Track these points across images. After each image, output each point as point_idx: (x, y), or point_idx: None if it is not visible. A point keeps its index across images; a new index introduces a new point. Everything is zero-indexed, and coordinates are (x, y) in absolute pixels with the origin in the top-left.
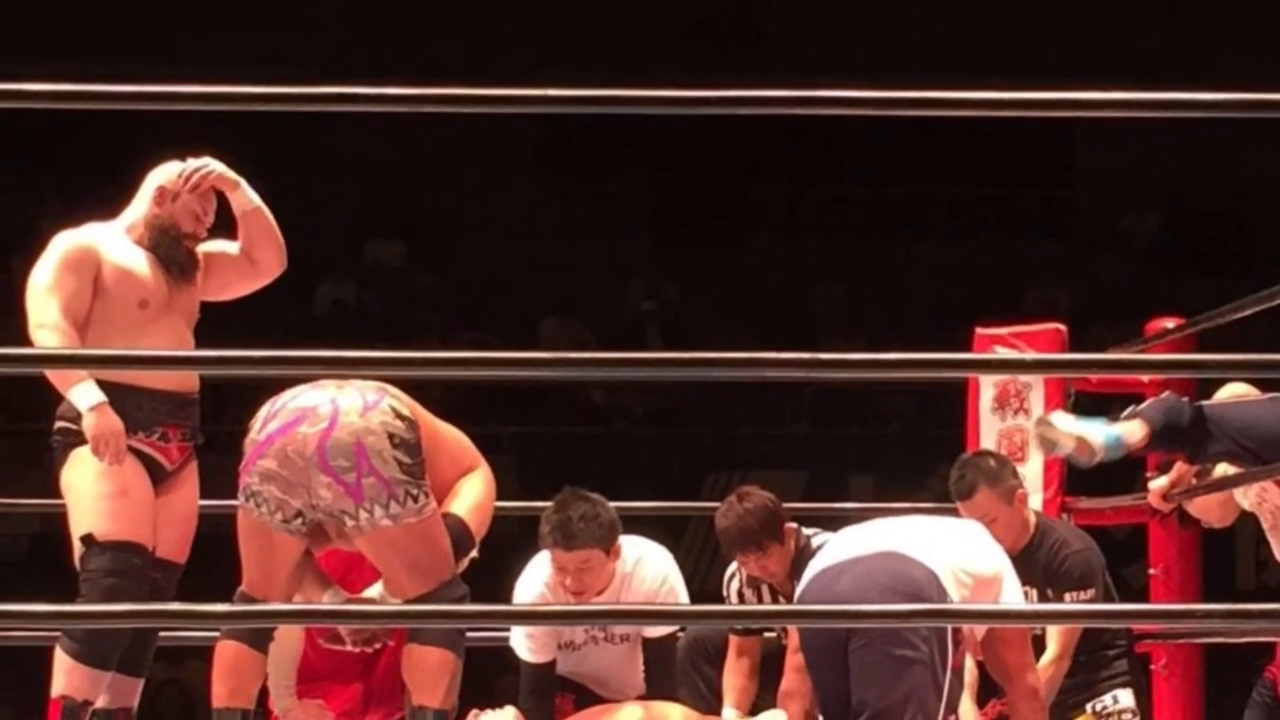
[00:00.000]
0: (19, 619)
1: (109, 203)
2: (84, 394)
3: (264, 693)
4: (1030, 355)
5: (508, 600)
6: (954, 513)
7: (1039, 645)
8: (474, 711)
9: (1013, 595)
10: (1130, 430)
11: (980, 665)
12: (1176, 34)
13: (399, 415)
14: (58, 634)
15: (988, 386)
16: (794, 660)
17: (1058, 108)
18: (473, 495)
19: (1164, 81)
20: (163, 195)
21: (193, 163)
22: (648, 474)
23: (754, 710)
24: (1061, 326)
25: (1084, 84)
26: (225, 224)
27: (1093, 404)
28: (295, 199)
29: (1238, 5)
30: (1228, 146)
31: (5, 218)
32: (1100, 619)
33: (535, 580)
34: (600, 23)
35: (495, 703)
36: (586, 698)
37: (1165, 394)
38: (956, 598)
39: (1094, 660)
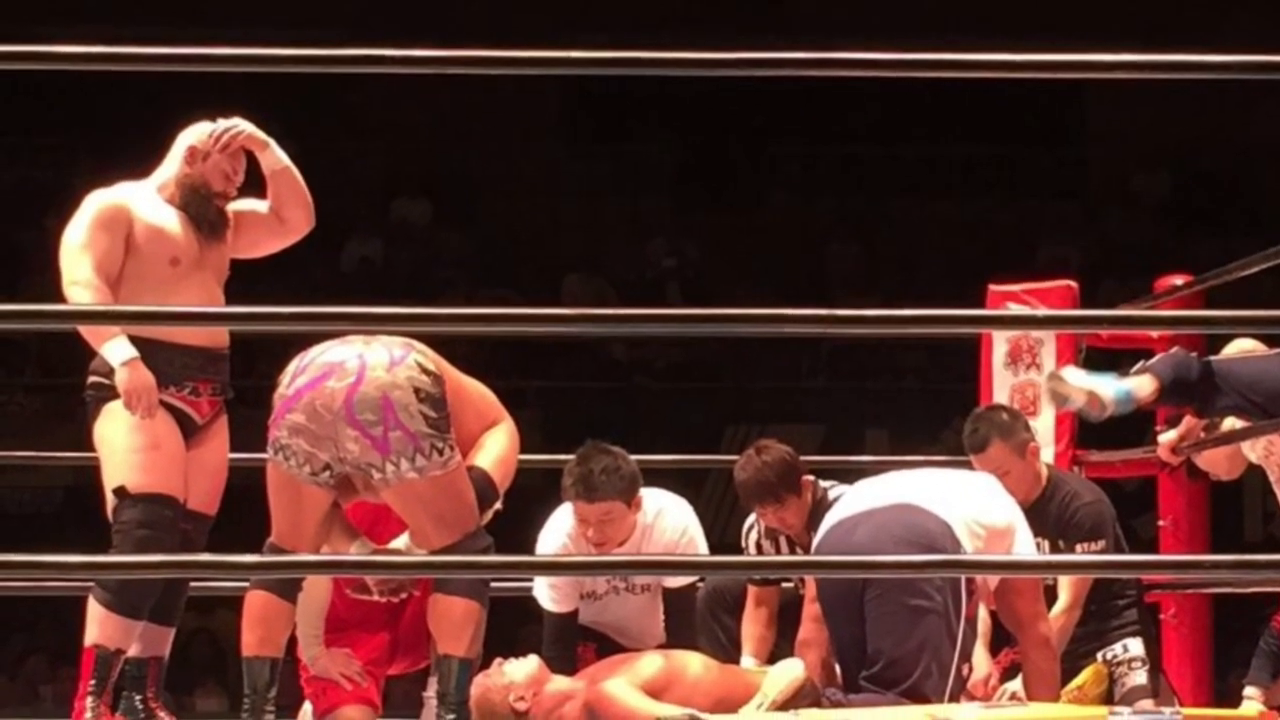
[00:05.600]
0: (53, 570)
1: (141, 162)
2: (116, 349)
3: (292, 641)
4: (1042, 312)
5: (531, 552)
6: (967, 466)
7: (1050, 595)
8: (498, 660)
9: (1025, 546)
10: (1140, 385)
11: (993, 615)
12: None
13: (425, 370)
14: (91, 584)
15: (1000, 342)
16: (811, 610)
17: (1069, 69)
18: (497, 448)
19: (1173, 44)
20: (193, 155)
21: (223, 123)
22: (668, 427)
23: (772, 659)
24: (1073, 283)
25: (1095, 46)
26: (255, 183)
27: (1103, 359)
28: (323, 159)
29: None
30: (1236, 107)
31: (39, 177)
32: (1110, 569)
33: (558, 532)
34: None
35: (519, 652)
36: (608, 647)
37: (1174, 349)
38: (970, 549)
39: (1104, 610)
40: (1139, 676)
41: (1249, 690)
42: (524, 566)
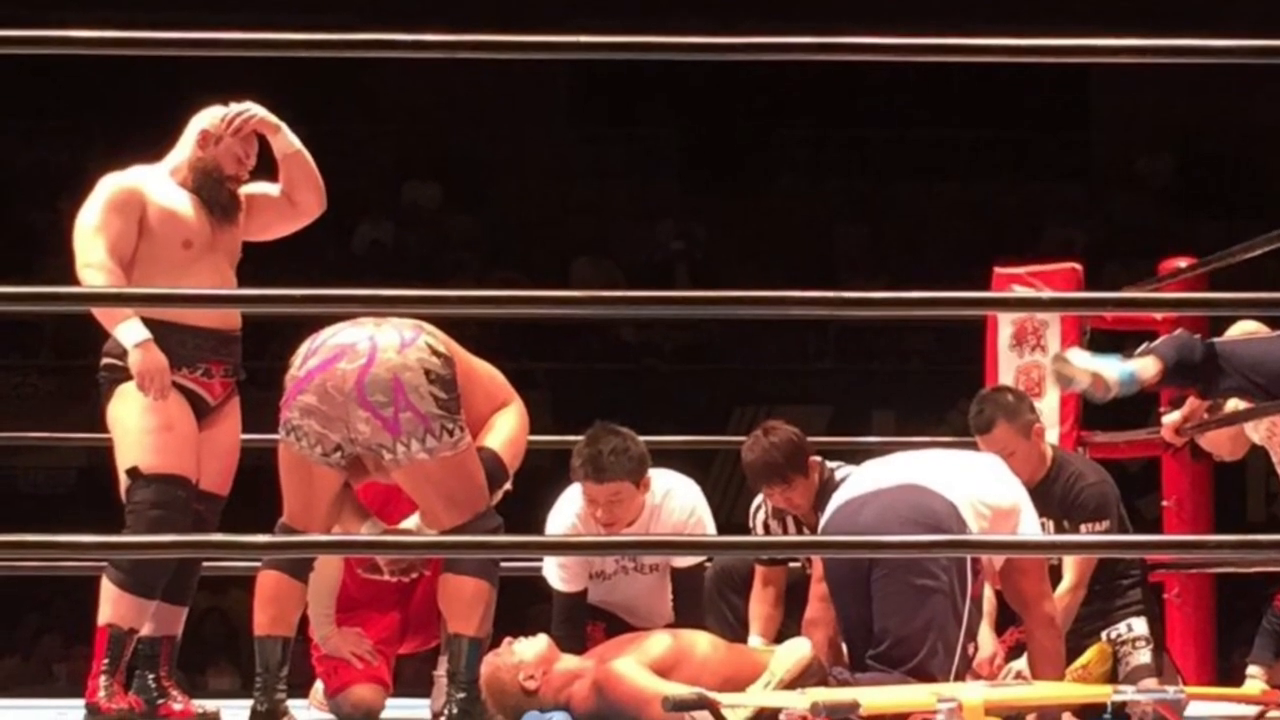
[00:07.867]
0: (67, 550)
1: (154, 146)
2: (130, 331)
3: (304, 621)
4: (1047, 294)
5: (540, 532)
6: (973, 447)
7: (1055, 575)
8: (508, 639)
9: (1030, 526)
10: (1144, 366)
11: (999, 594)
12: None
13: (435, 352)
14: (104, 564)
15: (1006, 324)
16: (818, 589)
17: (1074, 54)
18: (506, 429)
19: (1177, 28)
20: (206, 139)
21: (235, 107)
22: (676, 409)
23: (779, 638)
24: (1077, 266)
25: (1100, 31)
26: (267, 167)
27: (1108, 341)
28: (334, 142)
29: None
30: (1240, 91)
31: (54, 160)
32: (1115, 549)
33: (567, 512)
34: None
35: (528, 631)
36: (617, 626)
37: (1178, 331)
38: (975, 529)
39: (1109, 589)
40: (1143, 655)
41: (1252, 669)
42: (533, 546)
